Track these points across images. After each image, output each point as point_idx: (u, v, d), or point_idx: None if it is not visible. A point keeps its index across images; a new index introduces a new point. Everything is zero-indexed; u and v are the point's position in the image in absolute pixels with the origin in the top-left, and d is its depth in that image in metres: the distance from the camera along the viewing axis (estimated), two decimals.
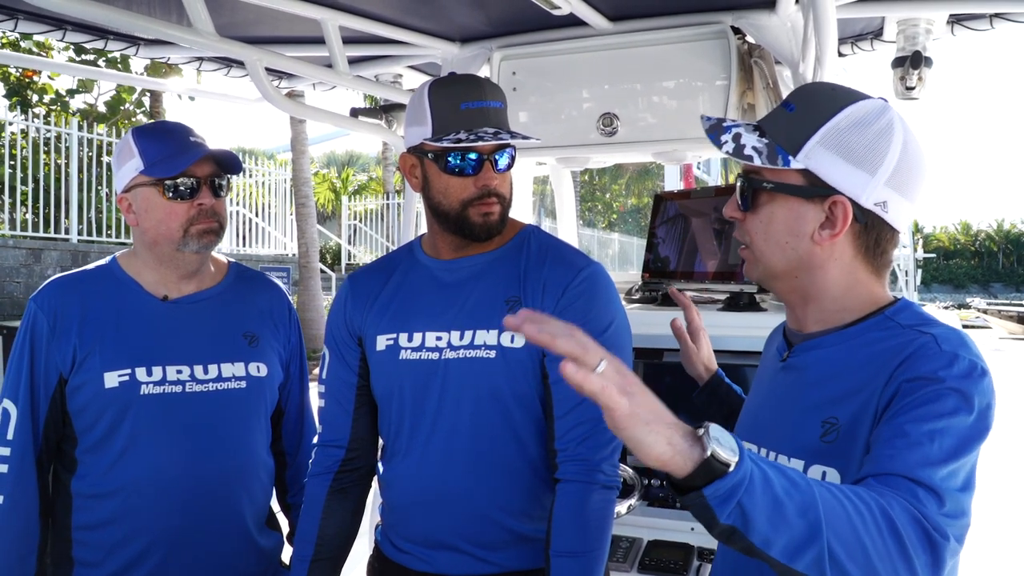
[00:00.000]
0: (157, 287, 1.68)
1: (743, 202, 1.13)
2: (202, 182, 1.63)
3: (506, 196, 1.47)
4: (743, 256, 1.17)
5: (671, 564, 1.99)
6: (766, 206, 1.10)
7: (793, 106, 1.11)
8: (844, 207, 1.06)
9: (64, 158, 10.45)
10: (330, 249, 18.12)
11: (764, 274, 1.15)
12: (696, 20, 2.18)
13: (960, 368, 0.97)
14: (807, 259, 1.10)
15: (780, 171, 1.08)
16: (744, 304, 2.21)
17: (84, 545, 1.60)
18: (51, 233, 10.02)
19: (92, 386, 1.57)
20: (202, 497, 1.61)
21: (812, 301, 1.13)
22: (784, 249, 1.10)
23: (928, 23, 2.12)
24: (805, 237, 1.09)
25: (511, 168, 1.48)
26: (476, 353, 1.43)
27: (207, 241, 1.65)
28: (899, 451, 0.91)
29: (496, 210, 1.45)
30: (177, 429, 1.60)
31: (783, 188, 1.08)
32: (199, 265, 1.70)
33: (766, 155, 1.07)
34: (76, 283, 1.67)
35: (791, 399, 1.13)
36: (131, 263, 1.70)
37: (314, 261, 12.09)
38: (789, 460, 1.09)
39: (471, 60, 2.45)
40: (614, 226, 28.44)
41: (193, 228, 1.62)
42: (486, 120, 1.41)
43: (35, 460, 1.60)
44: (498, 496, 1.44)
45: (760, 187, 1.10)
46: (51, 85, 12.22)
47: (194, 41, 1.97)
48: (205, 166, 1.64)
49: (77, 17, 2.11)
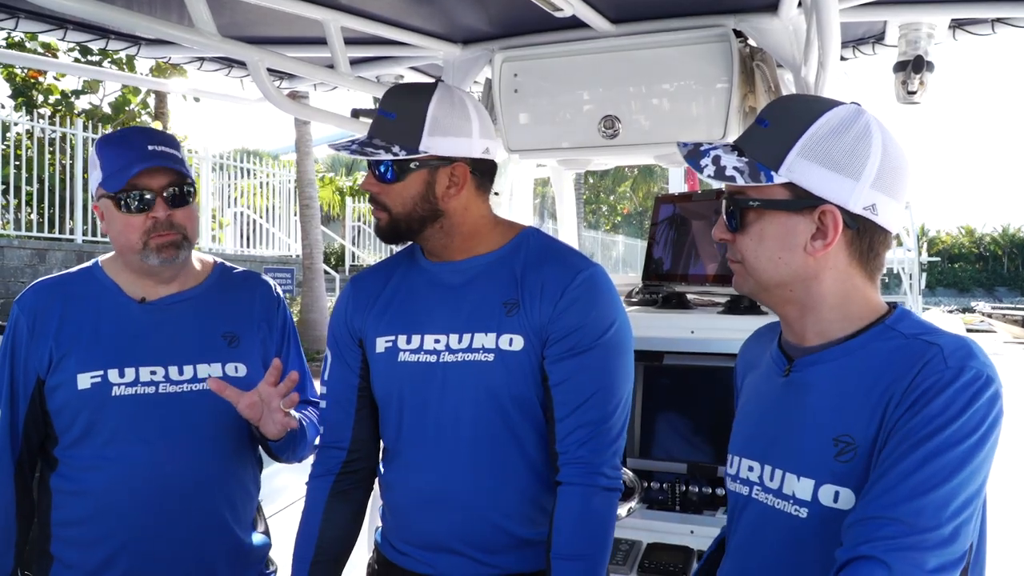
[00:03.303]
0: (135, 289, 1.67)
1: (731, 222, 1.13)
2: (157, 194, 1.59)
3: (388, 205, 1.45)
4: (735, 269, 1.17)
5: (671, 567, 1.99)
6: (755, 224, 1.10)
7: (767, 122, 1.11)
8: (834, 215, 1.06)
9: (69, 159, 10.48)
10: (334, 251, 18.14)
11: (754, 288, 1.14)
12: (698, 23, 2.17)
13: (965, 380, 0.98)
14: (801, 271, 1.10)
15: (764, 187, 1.08)
16: (744, 307, 2.21)
17: (61, 541, 1.62)
18: (56, 234, 10.06)
19: (67, 387, 1.59)
20: (175, 498, 1.60)
21: (809, 313, 1.13)
22: (777, 264, 1.10)
23: (930, 27, 2.12)
24: (798, 250, 1.09)
25: (395, 180, 1.44)
26: (474, 356, 1.43)
27: (167, 255, 1.61)
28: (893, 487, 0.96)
29: (379, 216, 1.47)
30: (150, 430, 1.59)
31: (770, 204, 1.08)
32: (174, 272, 1.67)
33: (748, 174, 1.08)
34: (58, 286, 1.68)
35: (797, 416, 1.12)
36: (112, 266, 1.71)
37: (318, 263, 12.11)
38: (799, 479, 1.09)
39: (473, 62, 2.45)
40: (618, 228, 28.44)
41: (152, 242, 1.60)
42: (370, 129, 1.47)
43: (13, 460, 1.62)
44: (498, 499, 1.44)
45: (747, 206, 1.10)
46: (56, 86, 12.26)
47: (196, 41, 1.98)
48: (160, 176, 1.59)
49: (79, 16, 2.11)
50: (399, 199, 1.45)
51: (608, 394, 1.42)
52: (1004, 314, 25.74)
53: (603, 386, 1.41)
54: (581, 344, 1.41)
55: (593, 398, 1.40)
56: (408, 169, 1.43)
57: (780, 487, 1.11)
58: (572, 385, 1.40)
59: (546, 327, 1.42)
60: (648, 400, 2.23)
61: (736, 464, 1.21)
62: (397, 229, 1.48)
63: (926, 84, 2.09)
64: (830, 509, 1.05)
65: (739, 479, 1.20)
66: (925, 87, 2.09)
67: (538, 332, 1.42)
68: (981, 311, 28.53)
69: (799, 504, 1.08)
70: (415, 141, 1.42)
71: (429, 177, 1.45)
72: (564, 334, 1.41)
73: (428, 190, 1.45)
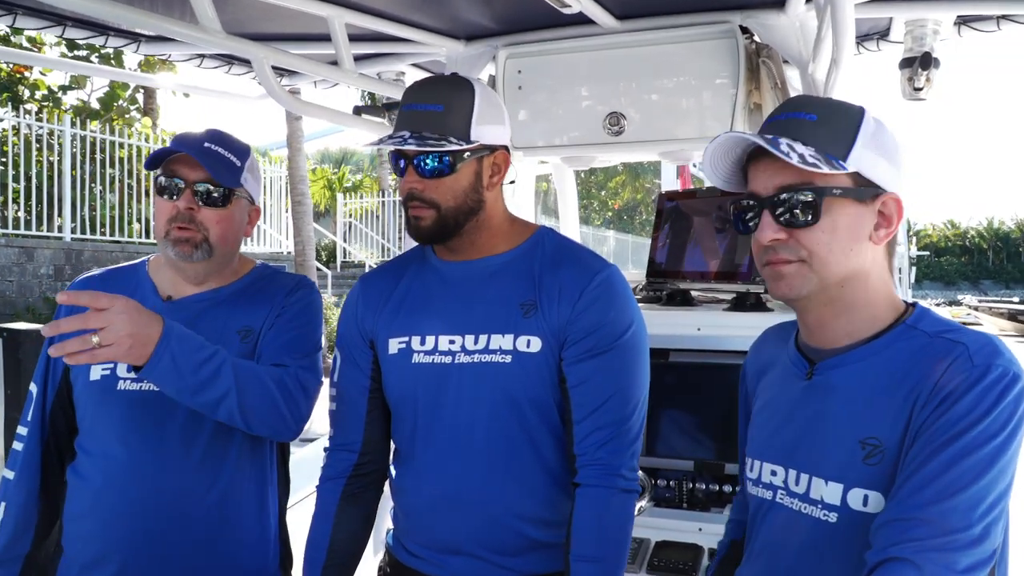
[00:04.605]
0: (167, 287, 1.67)
1: (793, 218, 1.08)
2: (188, 185, 1.58)
3: (438, 201, 1.41)
4: (788, 271, 1.09)
5: (680, 565, 1.99)
6: (827, 216, 1.07)
7: (814, 115, 1.10)
8: (897, 203, 1.10)
9: (57, 155, 10.36)
10: (326, 247, 18.06)
11: (816, 286, 1.09)
12: (704, 19, 2.17)
13: (992, 379, 0.98)
14: (867, 263, 1.10)
15: (831, 176, 1.07)
16: (751, 304, 2.21)
17: (67, 534, 1.62)
18: (44, 231, 9.92)
19: (83, 377, 1.61)
20: (171, 499, 1.56)
21: (844, 313, 1.12)
22: (849, 256, 1.09)
23: (936, 24, 2.12)
24: (865, 240, 1.10)
25: (449, 173, 1.40)
26: (491, 358, 1.41)
27: (182, 250, 1.58)
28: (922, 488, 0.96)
29: (424, 215, 1.42)
30: (149, 426, 1.57)
31: (850, 192, 1.08)
32: (201, 272, 1.64)
33: (823, 162, 1.06)
34: (101, 280, 1.70)
35: (822, 419, 1.11)
36: (155, 263, 1.71)
37: (310, 259, 12.06)
38: (827, 484, 1.08)
39: (476, 58, 2.44)
40: (609, 223, 28.46)
41: (172, 232, 1.58)
42: (412, 123, 1.40)
43: (40, 441, 1.66)
44: (514, 501, 1.43)
45: (829, 194, 1.07)
46: (43, 81, 12.14)
47: (200, 38, 1.95)
48: (199, 171, 1.58)
49: (78, 13, 2.08)
50: (450, 192, 1.42)
51: (627, 395, 1.41)
52: (990, 307, 25.92)
53: (621, 387, 1.41)
54: (600, 346, 1.40)
55: (612, 400, 1.39)
56: (461, 159, 1.41)
57: (807, 491, 1.10)
58: (591, 387, 1.40)
59: (564, 328, 1.41)
60: (654, 398, 2.20)
61: (757, 468, 1.20)
62: (444, 226, 1.43)
63: (932, 81, 2.09)
64: (860, 513, 1.04)
65: (761, 483, 1.19)
66: (931, 84, 2.09)
67: (556, 334, 1.41)
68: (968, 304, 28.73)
69: (828, 509, 1.08)
70: (467, 131, 1.40)
71: (478, 167, 1.45)
72: (582, 335, 1.40)
73: (477, 180, 1.45)
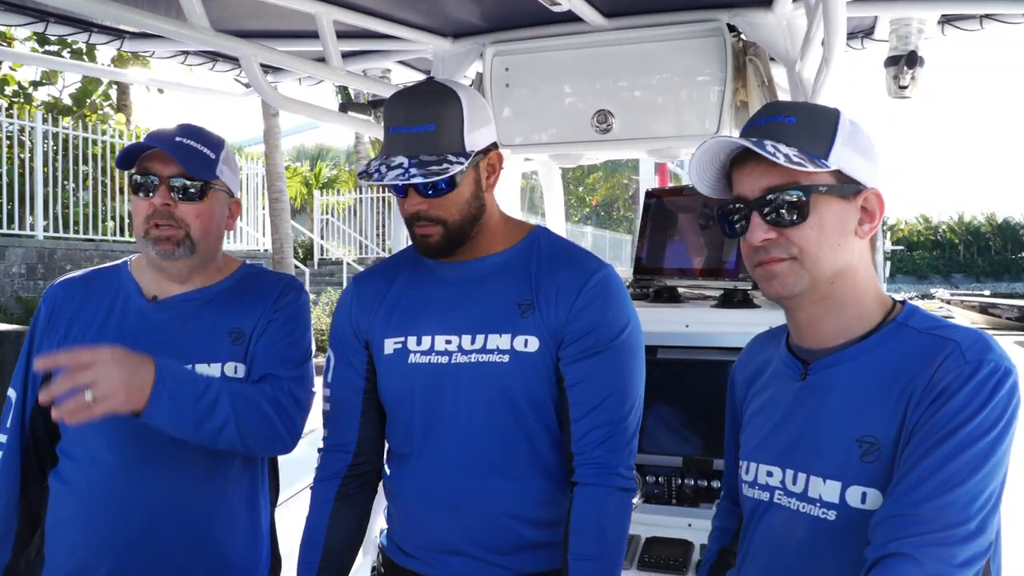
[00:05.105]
0: (151, 287, 1.64)
1: (781, 217, 1.10)
2: (163, 181, 1.54)
3: (444, 217, 1.40)
4: (780, 270, 1.11)
5: (671, 560, 2.00)
6: (813, 213, 1.10)
7: (793, 118, 1.12)
8: (878, 198, 1.12)
9: (28, 152, 10.19)
10: (303, 244, 17.91)
11: (809, 283, 1.11)
12: (692, 17, 2.18)
13: (985, 374, 1.00)
14: (854, 259, 1.13)
15: (815, 174, 1.10)
16: (738, 301, 2.22)
17: (50, 541, 1.59)
18: (15, 230, 9.75)
19: None
20: (161, 503, 1.55)
21: (836, 310, 1.13)
22: (837, 252, 1.11)
23: (920, 23, 2.14)
24: (851, 235, 1.12)
25: (452, 189, 1.38)
26: (489, 358, 1.41)
27: (163, 248, 1.55)
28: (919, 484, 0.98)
29: (433, 232, 1.41)
30: (138, 429, 1.50)
31: (834, 189, 1.10)
32: (183, 270, 1.61)
33: (808, 161, 1.08)
34: (84, 280, 1.68)
35: (819, 419, 1.13)
36: (138, 263, 1.69)
37: (288, 257, 11.97)
38: (825, 482, 1.09)
39: (463, 56, 2.43)
40: (587, 219, 28.53)
41: (151, 231, 1.55)
42: (406, 148, 1.36)
43: (20, 447, 1.63)
44: (511, 501, 1.43)
45: (816, 192, 1.09)
46: (13, 76, 11.91)
47: (189, 35, 1.92)
48: (172, 165, 1.54)
49: (63, 9, 2.04)
50: (455, 207, 1.41)
51: (624, 394, 1.42)
52: (962, 300, 26.30)
53: (619, 386, 1.41)
54: (597, 345, 1.41)
55: (609, 399, 1.40)
56: (461, 172, 1.39)
57: (805, 491, 1.12)
58: (588, 386, 1.40)
59: (562, 328, 1.41)
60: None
61: (752, 471, 1.21)
62: (453, 240, 1.43)
63: (917, 79, 2.12)
64: (858, 510, 1.06)
65: (757, 485, 1.20)
66: (916, 82, 2.12)
67: (554, 334, 1.41)
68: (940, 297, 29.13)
69: (827, 507, 1.09)
70: (461, 144, 1.38)
71: (476, 173, 1.44)
72: (580, 335, 1.41)
73: (477, 187, 1.44)
